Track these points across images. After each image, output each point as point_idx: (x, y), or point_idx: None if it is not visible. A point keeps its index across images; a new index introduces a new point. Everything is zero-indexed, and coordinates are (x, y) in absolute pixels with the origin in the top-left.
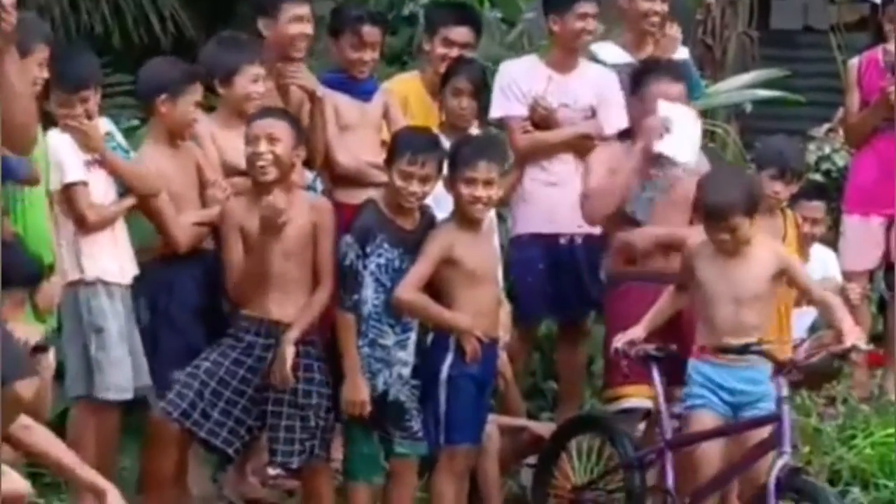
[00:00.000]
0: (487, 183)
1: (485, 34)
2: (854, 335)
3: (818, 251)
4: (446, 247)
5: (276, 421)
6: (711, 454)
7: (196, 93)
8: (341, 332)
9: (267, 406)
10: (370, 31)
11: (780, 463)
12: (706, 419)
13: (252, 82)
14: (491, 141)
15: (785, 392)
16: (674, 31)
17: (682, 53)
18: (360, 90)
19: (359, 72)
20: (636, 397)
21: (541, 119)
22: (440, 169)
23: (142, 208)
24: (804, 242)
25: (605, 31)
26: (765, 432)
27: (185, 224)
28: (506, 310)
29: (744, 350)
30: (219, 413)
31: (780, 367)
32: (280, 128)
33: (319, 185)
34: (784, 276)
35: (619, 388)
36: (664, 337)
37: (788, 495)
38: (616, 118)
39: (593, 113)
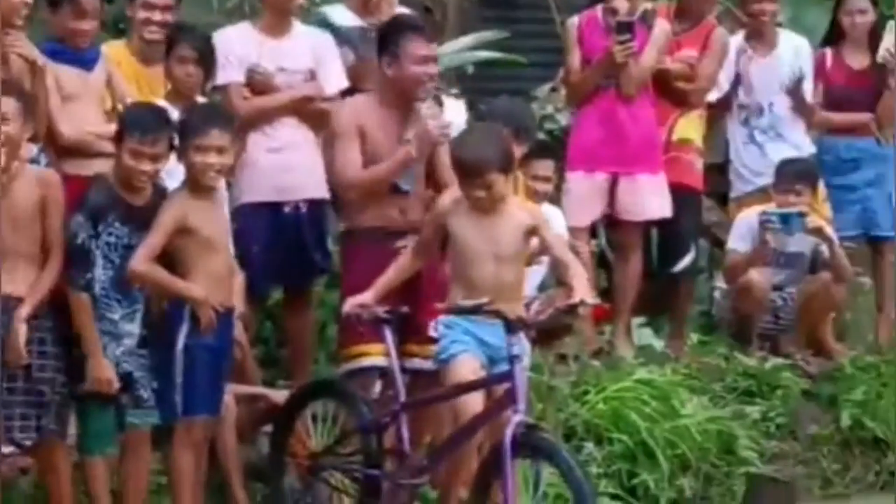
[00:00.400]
0: (219, 150)
1: (203, 2)
2: (582, 291)
3: (545, 209)
4: (180, 216)
5: (10, 398)
6: (472, 405)
7: None
8: (77, 312)
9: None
10: (89, 0)
11: (514, 420)
12: (469, 365)
13: None
14: (221, 108)
15: (516, 350)
16: None
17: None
18: (82, 60)
19: (80, 41)
20: (371, 356)
21: (259, 85)
22: (171, 145)
23: None
24: (535, 201)
25: None
26: (501, 390)
27: None
28: (239, 279)
29: (476, 310)
30: None
31: (511, 326)
32: (10, 106)
33: (44, 159)
34: (534, 233)
35: (353, 348)
36: (399, 296)
37: (524, 452)
38: (336, 78)
39: (312, 75)
